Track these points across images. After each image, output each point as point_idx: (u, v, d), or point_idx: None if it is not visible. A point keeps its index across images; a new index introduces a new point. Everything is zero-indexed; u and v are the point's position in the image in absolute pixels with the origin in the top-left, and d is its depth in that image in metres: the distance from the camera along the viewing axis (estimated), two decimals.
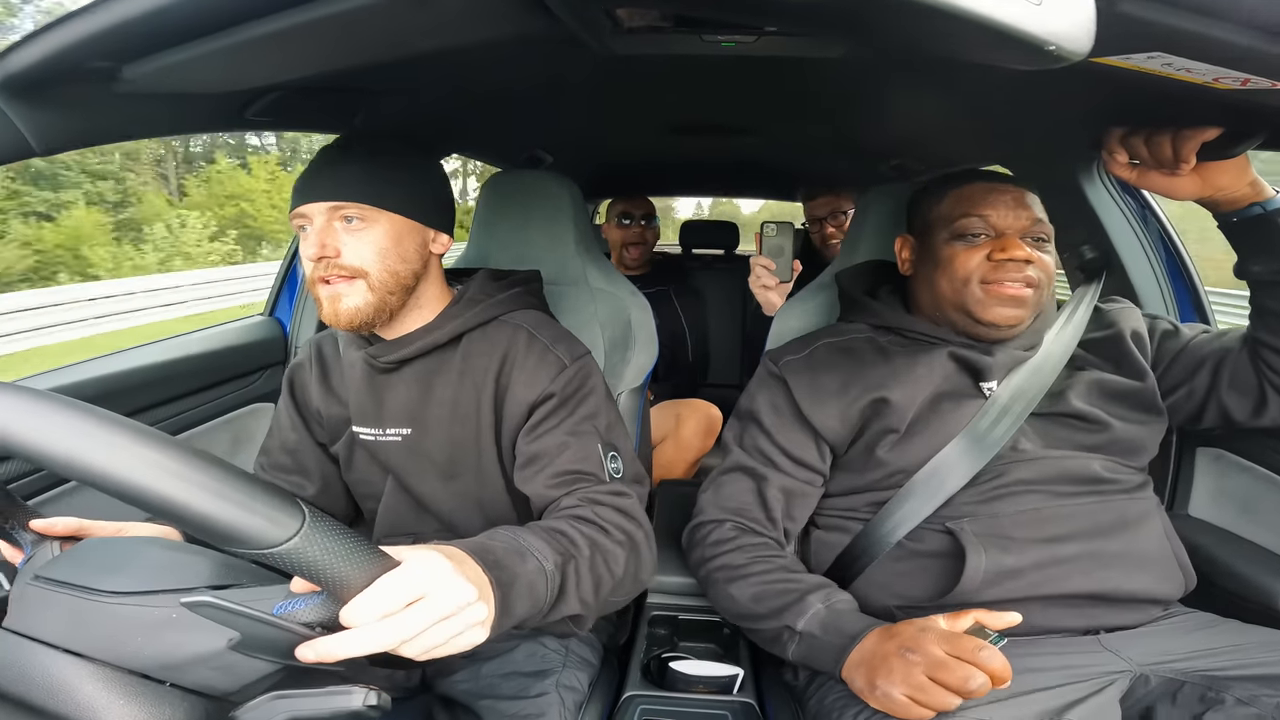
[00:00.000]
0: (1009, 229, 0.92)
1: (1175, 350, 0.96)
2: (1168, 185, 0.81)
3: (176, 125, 0.87)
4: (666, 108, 1.39)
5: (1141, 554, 0.88)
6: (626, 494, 0.86)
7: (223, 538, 0.43)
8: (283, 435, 1.02)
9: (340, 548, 0.46)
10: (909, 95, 1.08)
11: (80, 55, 0.58)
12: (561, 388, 0.90)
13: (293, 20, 0.57)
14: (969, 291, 0.92)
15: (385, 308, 0.86)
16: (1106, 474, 0.90)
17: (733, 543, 0.96)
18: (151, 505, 0.41)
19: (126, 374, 1.20)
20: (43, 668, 0.46)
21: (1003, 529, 0.87)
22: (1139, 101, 0.74)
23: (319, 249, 0.82)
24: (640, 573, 0.85)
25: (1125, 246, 1.26)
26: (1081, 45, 0.46)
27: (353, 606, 0.46)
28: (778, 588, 0.88)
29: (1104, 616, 0.87)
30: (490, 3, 0.64)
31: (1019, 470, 0.90)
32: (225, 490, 0.43)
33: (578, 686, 0.91)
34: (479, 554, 0.60)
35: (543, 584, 0.66)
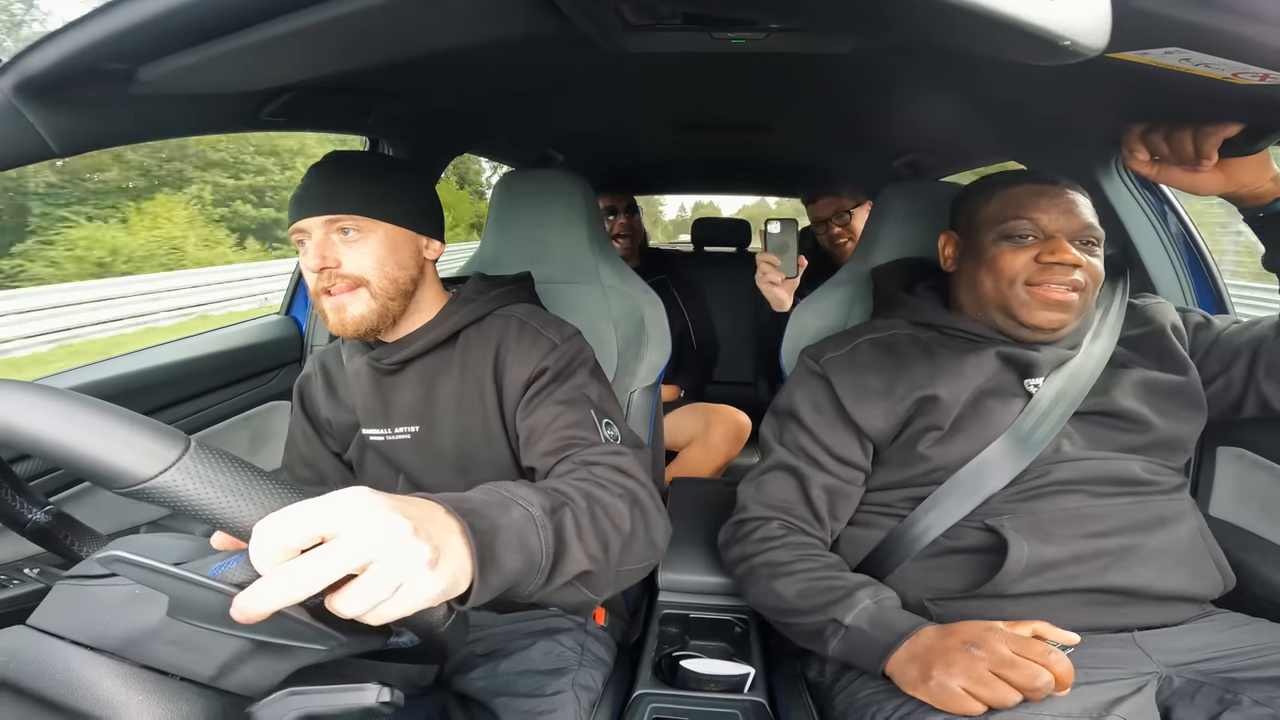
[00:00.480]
0: (1059, 232, 0.89)
1: (1208, 342, 0.95)
2: (1190, 181, 0.79)
3: (193, 126, 0.89)
4: (677, 105, 1.39)
5: (1178, 552, 0.87)
6: (623, 452, 0.85)
7: (93, 472, 0.40)
8: (299, 449, 1.06)
9: (231, 480, 0.41)
10: (921, 91, 1.07)
11: (96, 57, 0.59)
12: (554, 363, 0.92)
13: (305, 20, 0.58)
14: (1013, 293, 0.91)
15: (388, 314, 0.90)
16: (1147, 475, 0.89)
17: (780, 540, 0.95)
18: (34, 447, 0.40)
19: (146, 372, 1.22)
20: (63, 664, 0.47)
21: (1042, 525, 0.87)
22: (1158, 97, 0.72)
23: (320, 260, 0.85)
24: (652, 533, 0.81)
25: (1145, 243, 1.24)
26: (1097, 40, 0.45)
27: (252, 547, 0.40)
28: (824, 584, 0.88)
29: (1138, 614, 0.86)
30: (501, 2, 0.65)
31: (1060, 471, 0.89)
32: (92, 421, 0.40)
33: (592, 685, 0.92)
34: (452, 502, 0.53)
35: (534, 534, 0.59)
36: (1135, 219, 1.24)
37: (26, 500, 0.60)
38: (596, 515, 0.70)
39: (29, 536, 0.60)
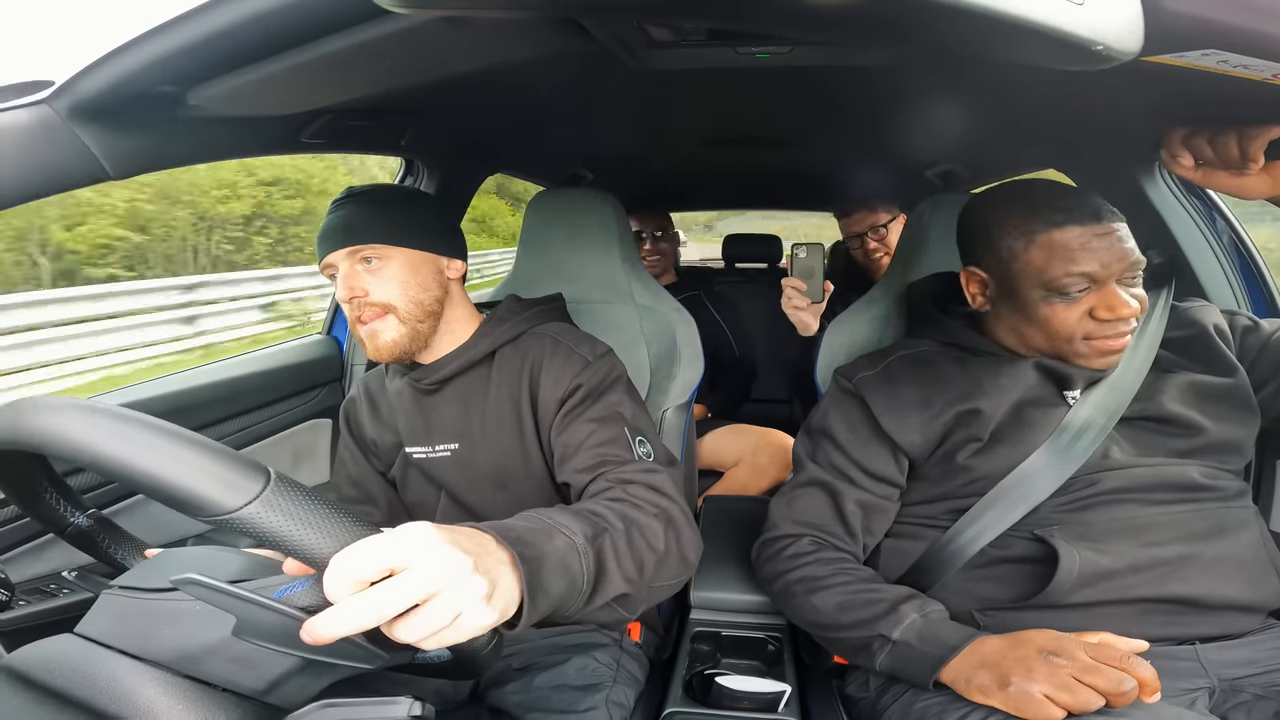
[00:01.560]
0: (1109, 277, 0.85)
1: (1258, 346, 0.92)
2: (1236, 185, 0.76)
3: (238, 149, 0.93)
4: (703, 121, 1.39)
5: (1239, 560, 0.84)
6: (657, 470, 0.86)
7: (178, 502, 0.42)
8: (347, 469, 1.10)
9: (307, 514, 0.43)
10: (953, 100, 1.06)
11: (147, 80, 0.62)
12: (587, 380, 0.94)
13: (341, 44, 0.60)
14: (1071, 347, 0.88)
15: (419, 336, 0.94)
16: (1205, 480, 0.86)
17: (812, 556, 0.95)
18: (121, 476, 0.42)
19: (194, 390, 1.27)
20: (107, 672, 0.48)
21: (1095, 535, 0.84)
22: (1199, 100, 0.70)
23: (348, 290, 0.90)
24: (685, 550, 0.83)
25: (1193, 249, 1.20)
26: (1130, 44, 0.44)
27: (326, 576, 0.42)
28: (864, 597, 0.87)
29: (1196, 625, 0.83)
30: (526, 23, 0.66)
31: (1112, 479, 0.87)
32: (180, 453, 0.42)
33: (624, 703, 0.91)
34: (499, 531, 0.56)
35: (576, 561, 0.63)
36: (1183, 225, 1.20)
37: (70, 504, 0.62)
38: (633, 538, 0.73)
39: (70, 540, 0.62)
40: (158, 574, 0.53)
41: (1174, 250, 1.20)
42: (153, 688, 0.47)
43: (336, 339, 1.71)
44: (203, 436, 0.44)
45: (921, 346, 1.01)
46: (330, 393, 1.63)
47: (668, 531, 0.79)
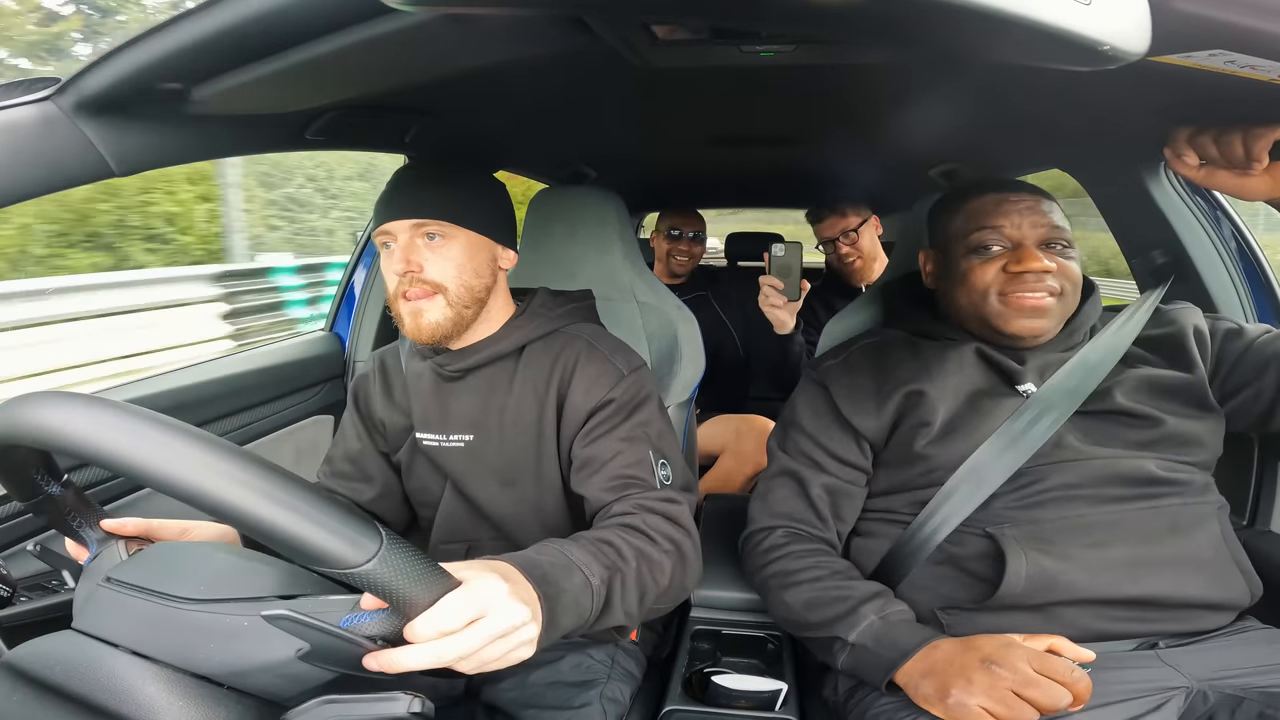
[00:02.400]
0: (1025, 239, 0.90)
1: (1240, 350, 0.92)
2: (1238, 185, 0.76)
3: (242, 146, 0.93)
4: (707, 120, 1.39)
5: (1195, 559, 0.85)
6: (677, 501, 0.88)
7: (311, 558, 0.45)
8: (347, 444, 1.07)
9: (411, 569, 0.48)
10: (956, 99, 1.05)
11: (152, 77, 0.62)
12: (620, 395, 0.93)
13: (342, 42, 0.60)
14: (988, 305, 0.92)
15: (462, 321, 0.92)
16: (1163, 473, 0.87)
17: (784, 549, 0.96)
18: (248, 526, 0.44)
19: (197, 387, 1.27)
20: (109, 669, 0.48)
21: (1045, 535, 0.85)
22: (1205, 100, 0.70)
23: (405, 264, 0.88)
24: (686, 580, 0.86)
25: (1198, 250, 1.19)
26: (1137, 44, 0.44)
27: (418, 624, 0.49)
28: (831, 594, 0.89)
29: (1159, 623, 0.84)
30: (531, 21, 0.66)
31: (1063, 474, 0.88)
32: (315, 514, 0.45)
33: (620, 699, 0.92)
34: (527, 569, 0.61)
35: (588, 599, 0.67)
36: (1188, 226, 1.20)
37: (47, 472, 0.60)
38: (642, 575, 0.76)
39: (35, 509, 0.60)
40: (180, 577, 0.52)
41: (1178, 251, 1.20)
42: (153, 684, 0.48)
43: (339, 335, 1.71)
44: (326, 494, 0.48)
45: (884, 335, 1.05)
46: (332, 389, 1.63)
47: (676, 567, 0.82)
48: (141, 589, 0.52)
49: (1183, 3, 0.42)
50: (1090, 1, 0.41)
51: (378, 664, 0.49)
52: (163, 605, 0.50)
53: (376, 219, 0.92)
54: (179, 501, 0.44)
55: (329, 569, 0.46)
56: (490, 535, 1.00)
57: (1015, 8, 0.40)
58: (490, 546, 1.00)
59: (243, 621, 0.50)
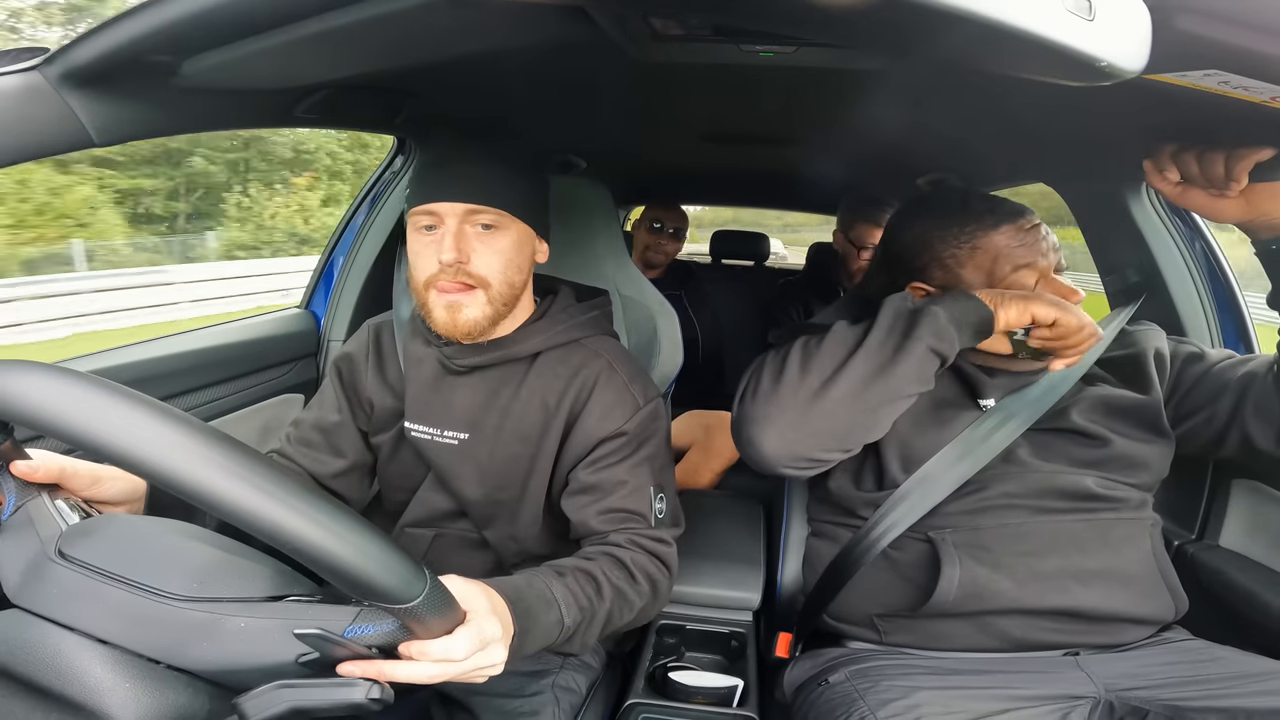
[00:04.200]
0: (1050, 268, 0.90)
1: (1198, 375, 0.94)
2: (1211, 206, 0.78)
3: (230, 120, 0.90)
4: (701, 116, 1.39)
5: (1124, 573, 0.87)
6: (667, 542, 0.89)
7: (369, 593, 0.46)
8: (322, 414, 1.00)
9: (442, 603, 0.51)
10: (950, 108, 1.07)
11: (142, 49, 0.60)
12: (633, 428, 0.90)
13: (342, 20, 0.59)
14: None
15: (498, 319, 0.87)
16: (1101, 490, 0.89)
17: (808, 345, 0.87)
18: (309, 558, 0.44)
19: (161, 360, 1.23)
20: (54, 649, 0.46)
21: (982, 541, 0.88)
22: (1191, 119, 0.72)
23: (456, 253, 0.81)
24: (651, 612, 0.88)
25: (1170, 269, 1.22)
26: (1135, 62, 0.45)
27: (432, 647, 0.52)
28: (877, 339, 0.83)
29: (1084, 634, 0.87)
30: (532, 8, 0.65)
31: (1006, 483, 0.90)
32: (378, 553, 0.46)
33: (575, 688, 0.92)
34: (513, 601, 0.64)
35: (555, 633, 0.70)
36: (1163, 245, 1.22)
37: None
38: (611, 612, 0.78)
39: None
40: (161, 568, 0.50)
41: (1151, 269, 1.23)
42: (100, 665, 0.46)
43: (314, 313, 1.68)
44: (380, 531, 0.48)
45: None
46: (304, 368, 1.60)
47: (646, 605, 0.84)
48: (117, 576, 0.49)
49: (1184, 22, 0.43)
50: (1094, 17, 0.41)
51: (362, 670, 0.50)
52: (149, 599, 0.48)
53: (418, 196, 0.83)
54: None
55: (385, 604, 0.47)
56: (461, 530, 0.98)
57: (1020, 21, 0.41)
58: (459, 538, 0.98)
59: (240, 622, 0.49)
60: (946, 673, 0.86)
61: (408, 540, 0.99)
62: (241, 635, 0.49)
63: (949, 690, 0.81)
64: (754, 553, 1.22)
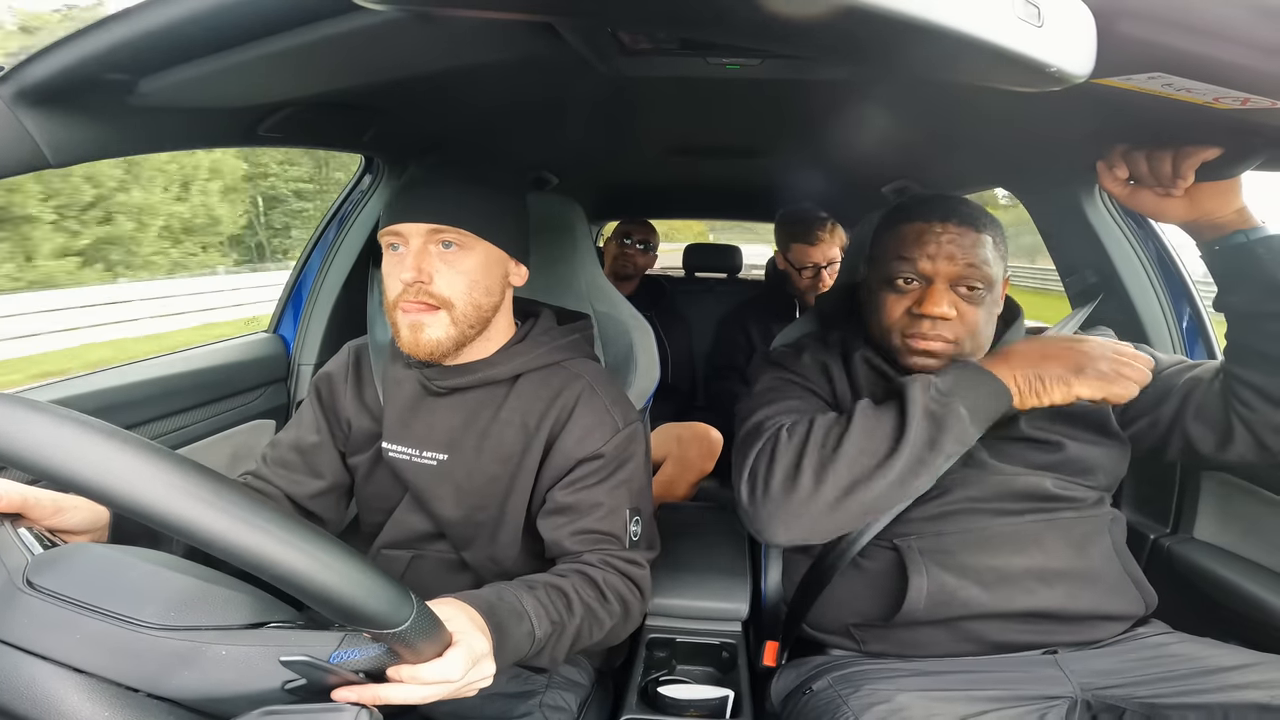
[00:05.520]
0: (937, 276, 0.89)
1: None
2: (1157, 206, 0.81)
3: (189, 140, 0.89)
4: (672, 130, 1.41)
5: (1089, 572, 0.88)
6: (640, 564, 0.89)
7: (355, 619, 0.46)
8: (299, 434, 1.00)
9: (428, 628, 0.51)
10: (911, 117, 1.10)
11: (98, 67, 0.59)
12: (611, 450, 0.90)
13: (304, 39, 0.59)
14: (890, 339, 0.93)
15: (465, 340, 0.87)
16: (1058, 490, 0.90)
17: (807, 426, 0.88)
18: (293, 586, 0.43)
19: (127, 388, 1.20)
20: (28, 678, 0.46)
21: (946, 547, 0.89)
22: (1140, 122, 0.75)
23: (415, 272, 0.82)
24: (621, 633, 0.89)
25: (1127, 270, 1.26)
26: (1083, 67, 0.46)
27: (424, 670, 0.53)
28: (874, 421, 0.85)
29: (1059, 633, 0.88)
30: (499, 25, 0.66)
31: (968, 488, 0.90)
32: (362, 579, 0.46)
33: (565, 707, 0.91)
34: (487, 614, 0.65)
35: (526, 646, 0.71)
36: (1118, 245, 1.26)
37: None
38: (581, 630, 0.79)
39: None
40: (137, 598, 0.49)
41: (1108, 270, 1.27)
42: (76, 694, 0.46)
43: (283, 337, 1.65)
44: (365, 559, 0.48)
45: (829, 339, 1.06)
46: (274, 393, 1.57)
47: (617, 625, 0.85)
48: (90, 607, 0.48)
49: (1127, 26, 0.45)
50: (1042, 24, 0.43)
51: (357, 695, 0.50)
52: (126, 629, 0.48)
53: (388, 217, 0.85)
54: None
55: (368, 629, 0.48)
56: (439, 551, 0.97)
57: (973, 29, 0.42)
58: (436, 559, 0.97)
59: (221, 650, 0.48)
60: (928, 674, 0.86)
61: (384, 562, 0.98)
62: (224, 663, 0.48)
63: (930, 693, 0.82)
64: (739, 563, 1.22)
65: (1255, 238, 0.79)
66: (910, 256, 0.90)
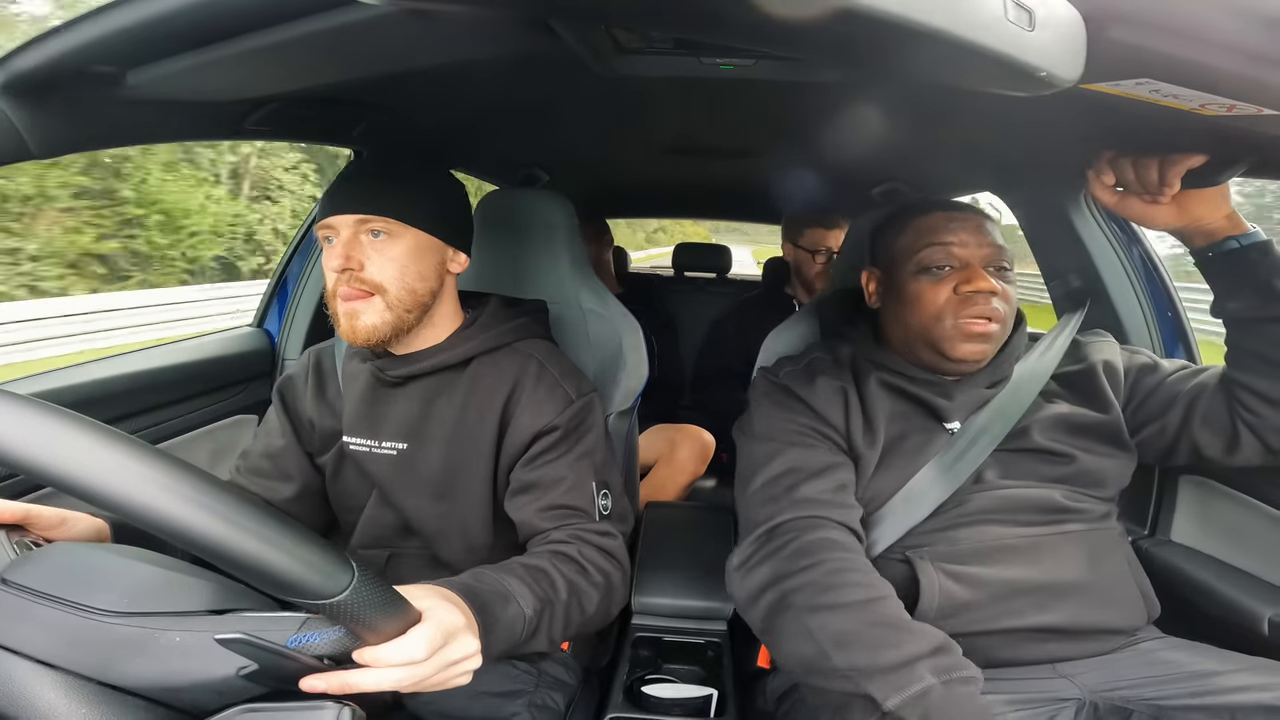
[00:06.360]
0: (973, 259, 0.89)
1: (1152, 386, 0.95)
2: (1145, 213, 0.82)
3: (176, 133, 0.88)
4: (664, 129, 1.41)
5: (1101, 586, 0.87)
6: (612, 535, 0.90)
7: (284, 589, 0.44)
8: (269, 441, 1.01)
9: (379, 599, 0.48)
10: (902, 120, 1.10)
11: (85, 59, 0.58)
12: (566, 421, 0.92)
13: (295, 32, 0.58)
14: (941, 327, 0.89)
15: (402, 325, 0.88)
16: (1069, 503, 0.90)
17: (819, 556, 0.80)
18: (214, 555, 0.42)
19: (109, 380, 1.19)
20: (4, 675, 0.45)
21: (960, 558, 0.87)
22: (1127, 128, 0.75)
23: (343, 261, 0.84)
24: (611, 608, 0.89)
25: (1110, 275, 1.28)
26: (1072, 72, 0.47)
27: (384, 651, 0.50)
28: (873, 634, 0.73)
29: (1062, 649, 0.87)
30: (493, 20, 0.65)
31: (981, 500, 0.89)
32: (290, 545, 0.44)
33: (552, 706, 0.91)
34: (469, 597, 0.63)
35: (520, 627, 0.70)
36: (1102, 251, 1.28)
37: None
38: (571, 607, 0.79)
39: None
40: (95, 587, 0.49)
41: (1093, 275, 1.28)
42: (53, 691, 0.45)
43: (268, 331, 1.64)
44: (296, 524, 0.46)
45: (836, 354, 1.02)
46: (259, 387, 1.55)
47: (603, 599, 0.85)
48: (50, 596, 0.48)
49: (1116, 31, 0.45)
50: (1033, 29, 0.44)
51: (325, 684, 0.48)
52: (79, 616, 0.47)
53: (320, 211, 0.88)
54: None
55: (300, 600, 0.45)
56: (414, 546, 0.98)
57: (965, 32, 0.42)
58: (412, 557, 0.97)
59: (174, 636, 0.47)
60: None
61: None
62: (176, 650, 0.47)
63: None
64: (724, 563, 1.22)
65: (1247, 243, 0.80)
66: (943, 242, 0.90)
